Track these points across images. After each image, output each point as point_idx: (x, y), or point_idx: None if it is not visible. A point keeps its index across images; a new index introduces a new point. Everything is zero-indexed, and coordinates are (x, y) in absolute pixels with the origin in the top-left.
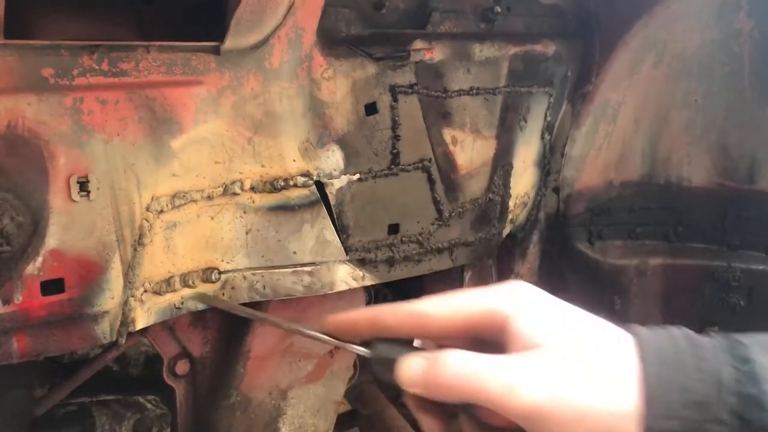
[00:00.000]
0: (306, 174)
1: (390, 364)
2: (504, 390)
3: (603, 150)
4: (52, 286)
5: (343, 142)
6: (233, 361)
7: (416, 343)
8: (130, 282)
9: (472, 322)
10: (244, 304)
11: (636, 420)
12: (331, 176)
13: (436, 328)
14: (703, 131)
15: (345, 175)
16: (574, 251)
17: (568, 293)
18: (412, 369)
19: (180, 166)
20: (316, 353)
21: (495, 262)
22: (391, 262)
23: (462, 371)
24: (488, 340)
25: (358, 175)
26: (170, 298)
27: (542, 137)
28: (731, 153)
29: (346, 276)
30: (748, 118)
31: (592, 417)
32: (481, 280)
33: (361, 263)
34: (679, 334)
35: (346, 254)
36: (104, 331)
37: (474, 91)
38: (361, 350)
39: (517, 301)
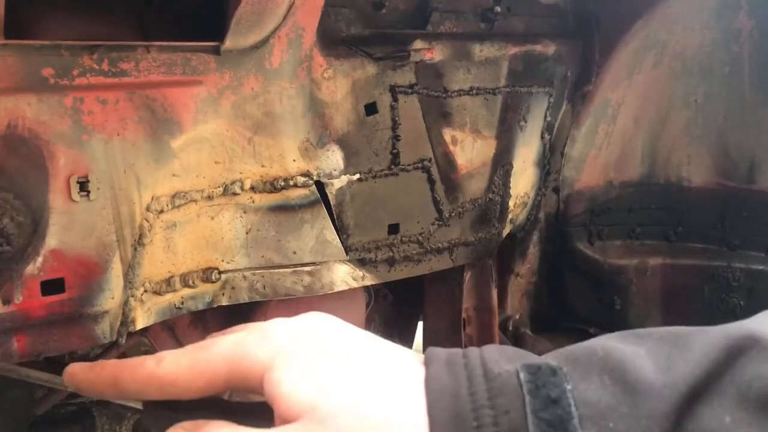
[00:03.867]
0: (306, 174)
1: (162, 427)
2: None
3: (603, 150)
4: (52, 286)
5: (343, 142)
6: None
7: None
8: (130, 282)
9: (223, 382)
10: (244, 305)
11: None
12: (331, 176)
13: (183, 394)
14: (703, 131)
15: (345, 175)
16: (574, 251)
17: (568, 293)
18: None
19: (180, 166)
20: None
21: (495, 262)
22: (391, 262)
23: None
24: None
25: (358, 175)
26: (170, 298)
27: (542, 137)
28: (731, 153)
29: (346, 276)
30: (748, 118)
31: None
32: (481, 280)
33: (361, 263)
34: (478, 371)
35: (346, 254)
36: (104, 331)
37: (474, 91)
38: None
39: (273, 347)
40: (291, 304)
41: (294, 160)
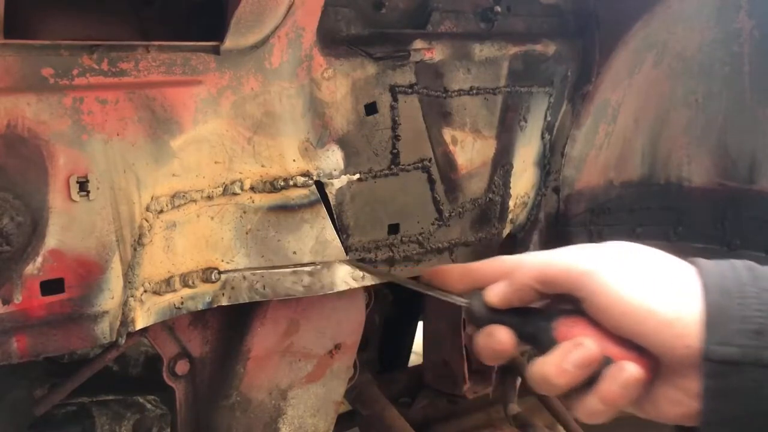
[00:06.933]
0: (306, 174)
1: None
2: (591, 270)
3: (603, 150)
4: (52, 286)
5: (343, 142)
6: (233, 361)
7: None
8: (129, 282)
9: (552, 276)
10: (244, 305)
11: (697, 339)
12: (331, 176)
13: (519, 277)
14: (703, 131)
15: (345, 175)
16: None
17: None
18: (498, 285)
19: (180, 166)
20: (316, 353)
21: None
22: (391, 262)
23: (557, 262)
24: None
25: (358, 175)
26: (170, 298)
27: (542, 137)
28: (731, 153)
29: (346, 276)
30: (748, 118)
31: (659, 315)
32: None
33: (362, 263)
34: (742, 265)
35: (346, 254)
36: (104, 331)
37: (474, 91)
38: (462, 300)
39: (587, 250)
40: (291, 304)
41: (294, 160)
